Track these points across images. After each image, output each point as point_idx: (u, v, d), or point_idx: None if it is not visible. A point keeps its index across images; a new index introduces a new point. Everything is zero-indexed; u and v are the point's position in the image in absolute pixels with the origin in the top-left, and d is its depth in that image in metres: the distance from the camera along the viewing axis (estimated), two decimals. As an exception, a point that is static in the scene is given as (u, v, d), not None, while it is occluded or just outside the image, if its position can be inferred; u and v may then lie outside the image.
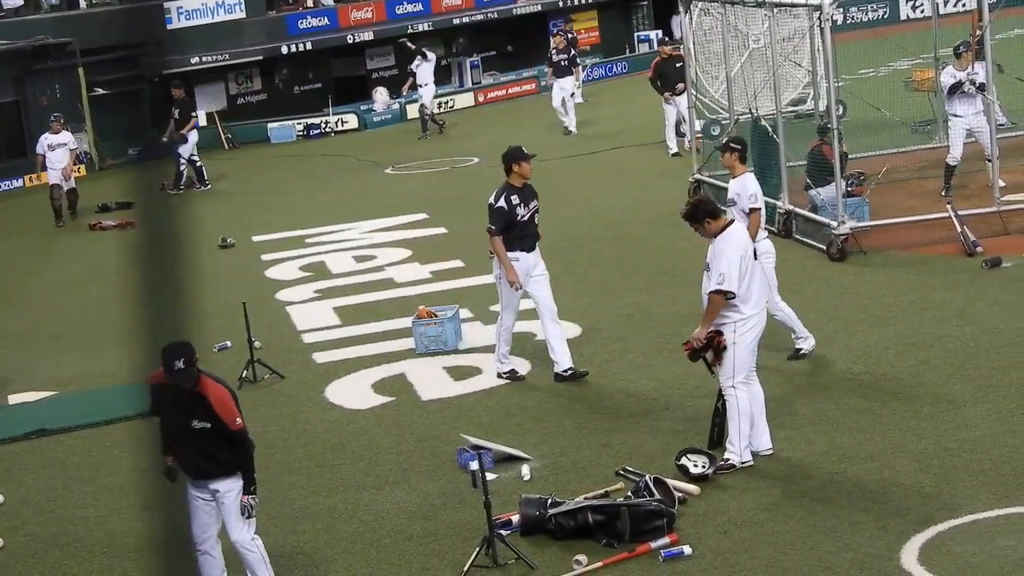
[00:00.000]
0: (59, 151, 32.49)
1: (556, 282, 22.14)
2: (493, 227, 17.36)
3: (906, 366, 16.70)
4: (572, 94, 39.31)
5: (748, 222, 16.63)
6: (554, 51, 39.32)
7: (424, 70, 41.47)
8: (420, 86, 41.40)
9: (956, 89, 24.04)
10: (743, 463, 13.98)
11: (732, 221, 14.37)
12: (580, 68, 40.62)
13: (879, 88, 31.10)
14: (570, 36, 44.22)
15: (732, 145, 18.00)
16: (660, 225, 23.97)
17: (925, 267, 20.85)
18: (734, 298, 13.78)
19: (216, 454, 11.79)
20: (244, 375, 18.66)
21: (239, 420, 11.71)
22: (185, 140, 35.02)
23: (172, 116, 35.43)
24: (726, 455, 14.04)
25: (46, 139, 32.79)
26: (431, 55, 42.26)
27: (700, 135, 28.33)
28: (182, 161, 34.89)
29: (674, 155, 32.05)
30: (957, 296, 19.26)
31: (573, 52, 39.51)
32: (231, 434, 11.69)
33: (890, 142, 26.48)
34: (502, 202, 17.40)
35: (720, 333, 13.89)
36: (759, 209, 17.35)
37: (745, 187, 17.43)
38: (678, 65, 31.17)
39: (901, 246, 21.87)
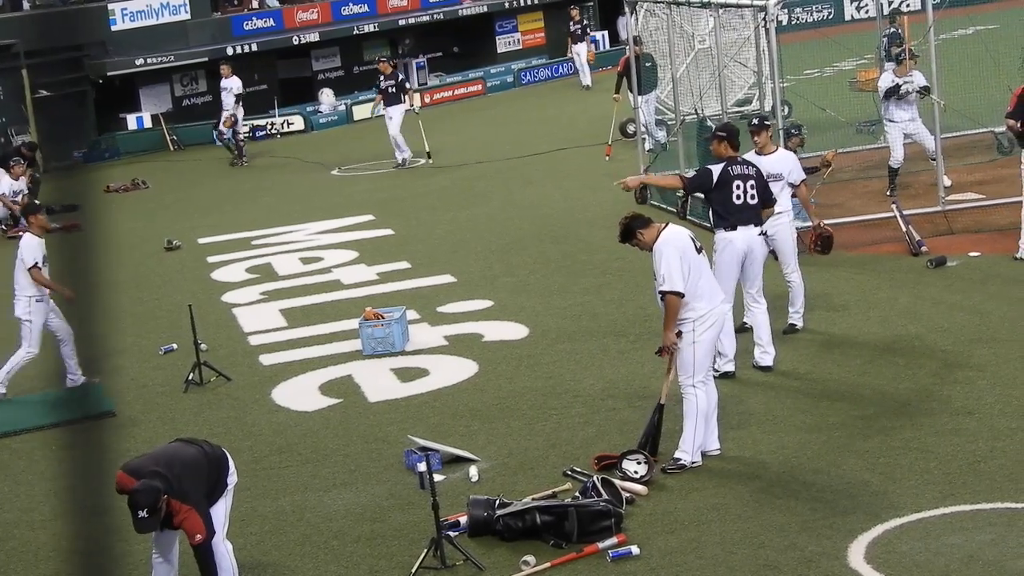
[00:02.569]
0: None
1: (499, 283, 22.27)
2: None
3: (852, 365, 16.76)
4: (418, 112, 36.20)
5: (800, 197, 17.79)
6: (381, 78, 36.07)
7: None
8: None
9: (892, 93, 24.17)
10: (693, 463, 13.99)
11: (666, 225, 14.29)
12: (411, 93, 37.05)
13: (824, 88, 31.30)
14: (395, 61, 41.61)
15: (765, 123, 18.38)
16: (604, 226, 23.92)
17: (871, 266, 20.94)
18: (683, 297, 13.78)
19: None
20: (191, 378, 18.57)
21: (199, 537, 11.45)
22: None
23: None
24: (677, 454, 14.04)
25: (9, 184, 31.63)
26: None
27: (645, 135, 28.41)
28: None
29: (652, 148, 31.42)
30: (902, 295, 19.35)
31: (402, 77, 36.83)
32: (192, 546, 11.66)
33: (835, 142, 26.55)
34: None
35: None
36: (805, 180, 18.30)
37: (790, 160, 18.13)
38: (647, 64, 31.12)
39: (847, 246, 21.91)
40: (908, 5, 46.33)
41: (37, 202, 21.62)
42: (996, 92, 24.52)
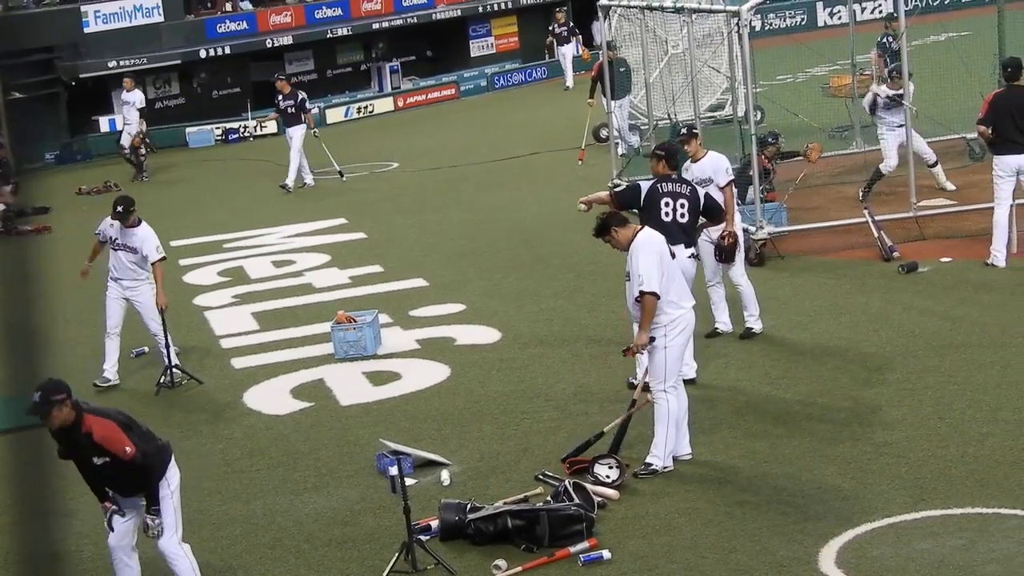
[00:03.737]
0: None
1: (472, 287, 22.25)
2: None
3: (823, 370, 16.78)
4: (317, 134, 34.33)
5: (723, 199, 17.38)
6: (280, 97, 34.14)
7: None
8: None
9: (876, 107, 24.24)
10: (664, 468, 14.00)
11: (643, 228, 14.33)
12: (310, 114, 34.52)
13: (797, 94, 31.38)
14: (293, 79, 38.96)
15: (693, 131, 18.52)
16: (577, 230, 23.92)
17: (842, 272, 20.97)
18: (659, 299, 13.77)
19: (128, 479, 11.72)
20: (162, 380, 18.53)
21: (128, 449, 11.47)
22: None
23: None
24: (648, 459, 14.04)
25: None
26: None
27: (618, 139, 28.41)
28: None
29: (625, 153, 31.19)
30: (874, 300, 19.38)
31: (302, 97, 34.29)
32: (125, 464, 11.55)
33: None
34: None
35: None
36: (733, 181, 18.10)
37: (718, 162, 18.06)
38: (621, 70, 31.13)
39: (818, 251, 22.01)
40: (881, 12, 46.44)
41: None
42: (968, 98, 24.58)
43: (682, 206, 16.26)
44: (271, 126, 44.36)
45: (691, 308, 14.21)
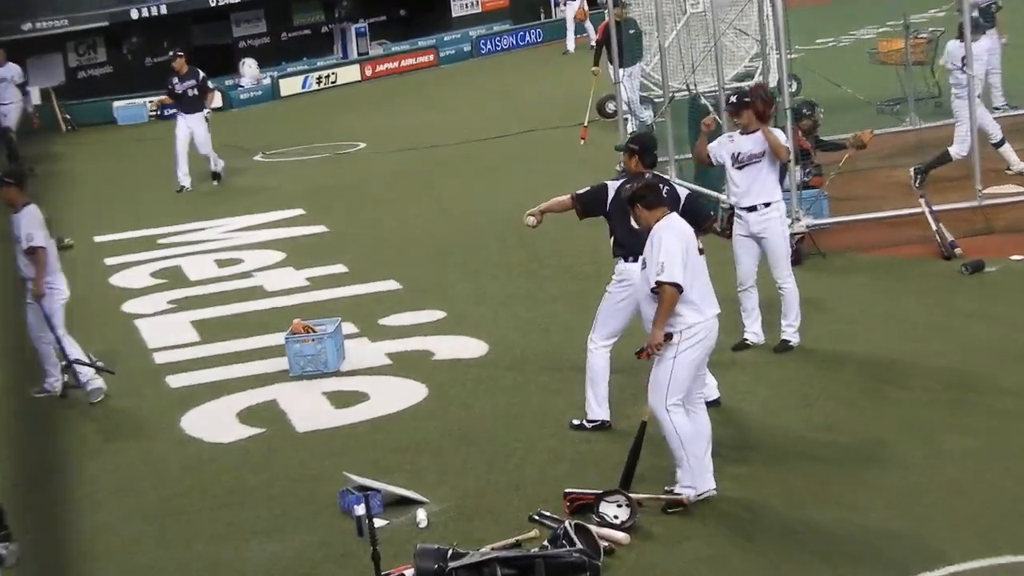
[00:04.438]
0: None
1: (454, 290, 22.23)
2: None
3: (867, 388, 16.77)
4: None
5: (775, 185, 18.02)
6: (176, 80, 33.15)
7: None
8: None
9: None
10: (699, 495, 13.86)
11: (671, 212, 14.27)
12: (213, 93, 34.52)
13: (839, 61, 31.37)
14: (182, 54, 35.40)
15: (745, 100, 18.38)
16: (577, 223, 23.96)
17: (894, 272, 20.98)
18: (681, 292, 13.68)
19: None
20: (66, 379, 18.75)
21: None
22: None
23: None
24: (677, 490, 13.93)
25: None
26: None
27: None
28: None
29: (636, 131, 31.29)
30: (931, 307, 19.40)
31: (203, 75, 33.28)
32: None
33: (853, 124, 26.62)
34: None
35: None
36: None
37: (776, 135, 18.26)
38: (631, 32, 31.11)
39: (866, 247, 22.00)
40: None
41: None
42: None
43: None
44: (216, 100, 44.33)
45: (714, 317, 14.11)
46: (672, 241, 13.80)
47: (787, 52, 23.72)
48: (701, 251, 14.16)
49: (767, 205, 17.94)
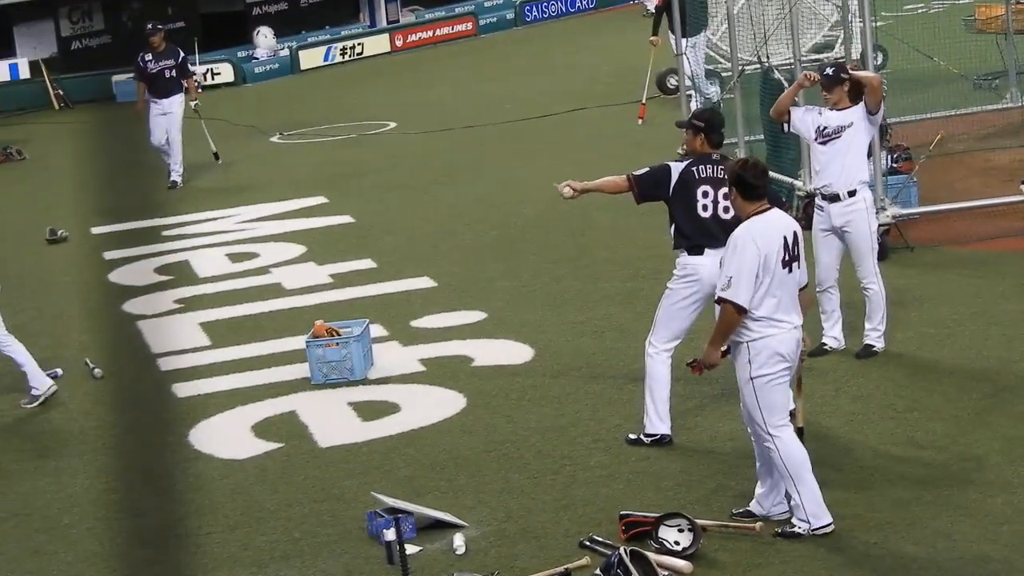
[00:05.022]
0: None
1: (495, 288, 22.28)
2: None
3: (967, 401, 16.75)
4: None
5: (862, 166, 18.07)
6: (149, 57, 32.38)
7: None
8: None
9: None
10: (814, 530, 13.78)
11: (770, 209, 13.96)
12: (193, 79, 33.25)
13: (930, 29, 31.29)
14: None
15: (842, 75, 18.59)
16: (635, 212, 24.00)
17: (992, 268, 20.95)
18: (744, 314, 13.59)
19: None
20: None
21: None
22: None
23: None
24: (794, 521, 13.80)
25: None
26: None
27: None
28: None
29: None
30: (1034, 307, 19.40)
31: (183, 56, 32.76)
32: None
33: (945, 101, 26.61)
34: None
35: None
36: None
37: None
38: None
39: (960, 240, 21.97)
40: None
41: None
42: None
43: (726, 197, 15.58)
44: (225, 72, 44.49)
45: (789, 329, 13.76)
46: (749, 256, 13.53)
47: (872, 19, 23.69)
48: (797, 257, 13.84)
49: (852, 194, 17.90)
